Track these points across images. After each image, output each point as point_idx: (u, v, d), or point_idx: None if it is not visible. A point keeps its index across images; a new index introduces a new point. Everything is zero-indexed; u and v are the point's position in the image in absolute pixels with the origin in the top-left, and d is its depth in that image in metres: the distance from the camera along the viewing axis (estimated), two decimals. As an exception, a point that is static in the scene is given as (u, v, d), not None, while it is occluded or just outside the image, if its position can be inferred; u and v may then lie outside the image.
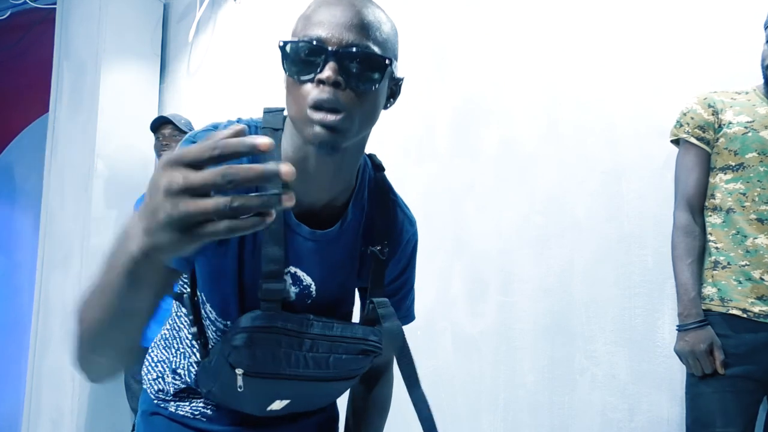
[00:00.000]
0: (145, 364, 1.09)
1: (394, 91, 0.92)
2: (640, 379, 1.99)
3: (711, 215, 1.71)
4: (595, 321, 2.08)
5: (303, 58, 0.81)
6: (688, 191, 1.73)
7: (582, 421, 2.06)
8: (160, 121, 2.91)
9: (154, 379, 1.05)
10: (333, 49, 0.79)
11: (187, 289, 0.97)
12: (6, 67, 4.14)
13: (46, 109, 3.39)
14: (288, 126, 0.91)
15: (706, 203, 1.73)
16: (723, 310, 1.64)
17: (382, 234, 1.00)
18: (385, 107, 0.91)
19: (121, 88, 3.17)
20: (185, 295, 0.96)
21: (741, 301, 1.62)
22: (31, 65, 3.98)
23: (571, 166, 2.18)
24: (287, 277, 0.93)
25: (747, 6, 1.92)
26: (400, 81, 0.92)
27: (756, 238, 1.62)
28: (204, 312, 0.94)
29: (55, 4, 3.40)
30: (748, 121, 1.67)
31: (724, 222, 1.68)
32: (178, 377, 1.02)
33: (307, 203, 0.92)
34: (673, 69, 2.04)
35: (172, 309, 1.06)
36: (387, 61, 0.83)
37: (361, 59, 0.80)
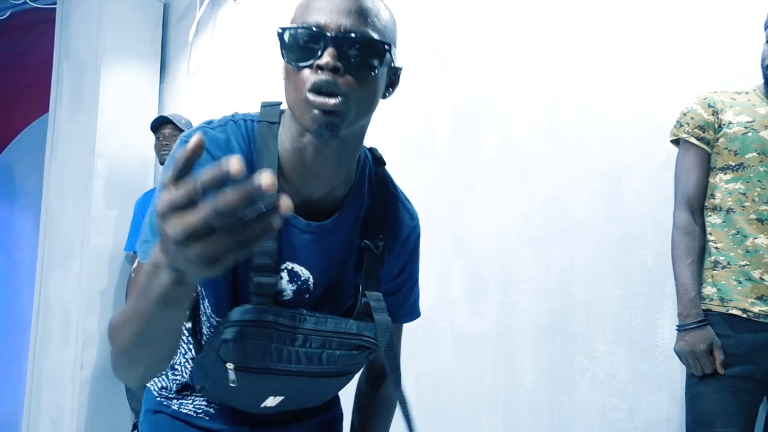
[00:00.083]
0: None
1: (393, 81, 0.92)
2: (640, 379, 1.99)
3: (711, 215, 1.71)
4: (595, 321, 2.08)
5: (302, 44, 0.81)
6: (688, 191, 1.72)
7: (582, 421, 2.06)
8: (160, 121, 2.91)
9: (157, 376, 1.05)
10: (332, 35, 0.80)
11: None
12: (6, 67, 4.14)
13: (46, 109, 3.39)
14: (285, 118, 0.91)
15: (706, 203, 1.73)
16: (723, 310, 1.64)
17: (380, 228, 0.99)
18: (384, 96, 0.91)
19: (121, 88, 3.17)
20: None
21: (741, 301, 1.62)
22: (31, 65, 3.98)
23: (571, 166, 2.18)
24: (284, 274, 0.93)
25: (747, 6, 1.92)
26: (398, 70, 0.92)
27: (756, 238, 1.62)
28: (202, 307, 0.94)
29: (55, 4, 3.40)
30: (748, 121, 1.67)
31: (724, 222, 1.68)
32: (177, 373, 1.02)
33: (306, 194, 0.92)
34: (673, 69, 2.04)
35: None
36: (386, 46, 0.83)
37: (360, 45, 0.81)
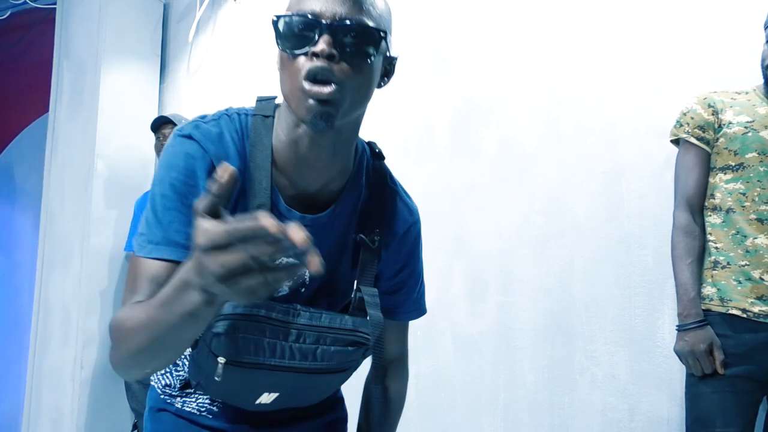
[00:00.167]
0: None
1: (388, 70, 0.92)
2: (640, 379, 1.99)
3: (711, 215, 1.71)
4: (595, 321, 2.08)
5: (297, 32, 0.81)
6: (688, 191, 1.72)
7: (582, 421, 2.06)
8: (161, 120, 2.91)
9: (162, 374, 1.05)
10: (327, 23, 0.79)
11: None
12: (6, 67, 4.14)
13: (46, 109, 3.39)
14: (280, 111, 0.91)
15: (706, 203, 1.73)
16: (723, 310, 1.64)
17: (377, 222, 0.98)
18: (379, 86, 0.91)
19: (121, 88, 3.17)
20: None
21: (741, 301, 1.62)
22: (31, 65, 3.98)
23: (571, 166, 2.18)
24: None
25: (747, 6, 1.92)
26: (394, 60, 0.92)
27: (756, 238, 1.62)
28: None
29: (55, 4, 3.40)
30: (748, 121, 1.67)
31: (724, 222, 1.68)
32: (180, 369, 1.02)
33: (301, 186, 0.91)
34: (673, 69, 2.04)
35: None
36: (381, 33, 0.83)
37: (355, 32, 0.81)
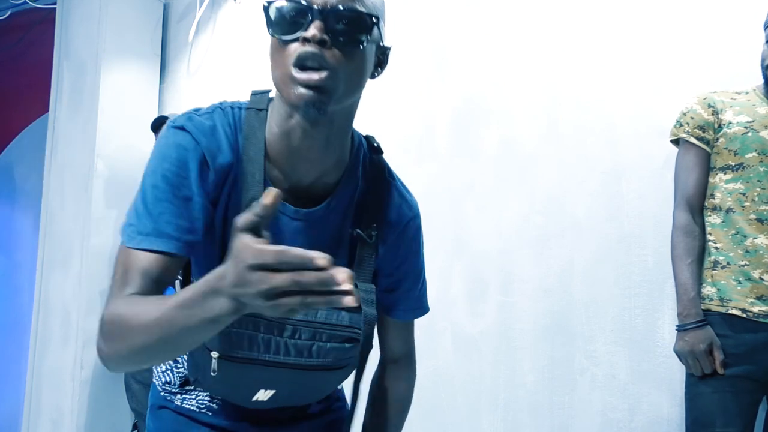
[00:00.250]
0: None
1: (382, 60, 0.91)
2: (640, 379, 1.99)
3: (711, 215, 1.71)
4: (595, 321, 2.08)
5: (288, 18, 0.80)
6: (688, 191, 1.72)
7: (582, 421, 2.06)
8: (161, 120, 2.91)
9: (163, 371, 1.05)
10: (318, 8, 0.79)
11: (179, 276, 0.95)
12: (6, 67, 4.14)
13: (46, 109, 3.39)
14: (274, 104, 0.90)
15: (706, 203, 1.73)
16: (722, 310, 1.64)
17: (373, 216, 0.96)
18: (373, 76, 0.90)
19: (121, 88, 3.17)
20: (178, 282, 0.95)
21: (740, 301, 1.62)
22: (31, 65, 3.97)
23: (571, 166, 2.18)
24: None
25: (747, 6, 1.92)
26: (387, 50, 0.91)
27: (756, 238, 1.62)
28: None
29: (55, 4, 3.39)
30: (748, 121, 1.67)
31: (724, 222, 1.67)
32: (180, 366, 1.02)
33: (294, 179, 0.90)
34: (673, 69, 2.04)
35: None
36: (374, 19, 0.82)
37: (347, 19, 0.80)
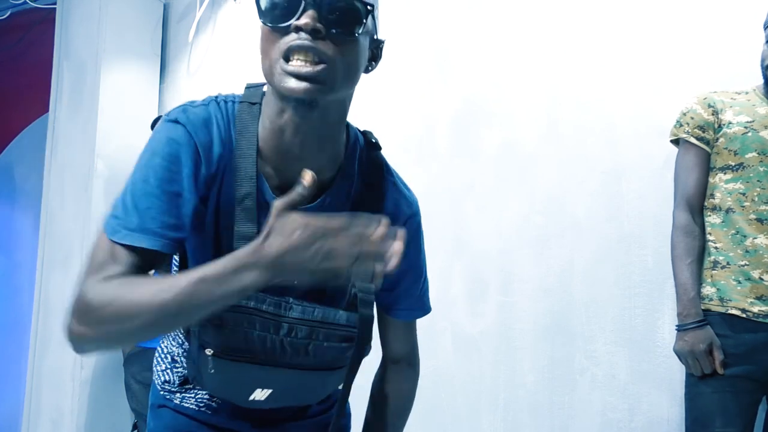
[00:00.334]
0: (155, 355, 1.08)
1: (376, 54, 0.90)
2: (640, 379, 1.99)
3: (710, 215, 1.71)
4: (595, 321, 2.08)
5: (280, 7, 0.78)
6: (688, 191, 1.72)
7: (582, 421, 2.06)
8: (160, 121, 2.91)
9: (162, 370, 1.05)
10: None
11: (175, 269, 0.95)
12: (6, 67, 4.14)
13: (46, 109, 3.39)
14: (267, 98, 0.88)
15: (706, 203, 1.73)
16: (722, 310, 1.64)
17: (370, 213, 0.96)
18: (367, 70, 0.89)
19: (121, 88, 3.17)
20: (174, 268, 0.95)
21: (740, 301, 1.62)
22: (31, 65, 3.97)
23: (571, 166, 2.18)
24: None
25: (747, 6, 1.92)
26: (381, 43, 0.90)
27: (755, 238, 1.62)
28: None
29: (55, 4, 3.39)
30: (747, 121, 1.67)
31: (724, 222, 1.68)
32: (179, 365, 1.02)
33: (288, 175, 0.87)
34: (673, 69, 2.04)
35: None
36: (369, 7, 0.80)
37: (340, 10, 0.78)
